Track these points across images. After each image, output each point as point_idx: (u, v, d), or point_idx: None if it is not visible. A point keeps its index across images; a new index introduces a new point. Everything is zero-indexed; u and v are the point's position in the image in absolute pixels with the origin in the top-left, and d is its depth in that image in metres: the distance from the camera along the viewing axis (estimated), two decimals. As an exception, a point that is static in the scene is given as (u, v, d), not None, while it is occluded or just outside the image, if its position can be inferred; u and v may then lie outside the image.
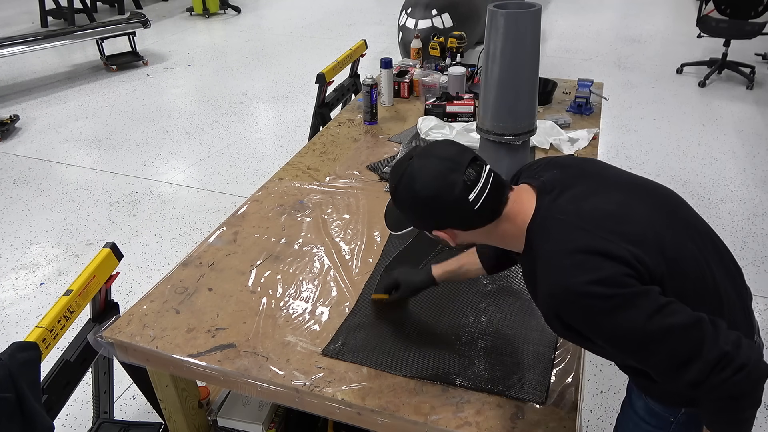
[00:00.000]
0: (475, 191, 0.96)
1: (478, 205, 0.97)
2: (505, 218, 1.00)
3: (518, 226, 1.00)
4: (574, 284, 0.89)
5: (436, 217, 1.01)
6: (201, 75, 5.80)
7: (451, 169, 0.97)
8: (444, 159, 0.99)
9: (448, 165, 0.98)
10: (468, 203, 0.96)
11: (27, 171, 4.00)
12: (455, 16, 5.05)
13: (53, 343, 1.29)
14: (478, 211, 0.97)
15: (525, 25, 1.51)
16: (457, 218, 0.99)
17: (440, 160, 0.99)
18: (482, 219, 0.99)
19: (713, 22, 5.04)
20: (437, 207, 0.98)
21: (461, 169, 0.97)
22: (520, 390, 1.17)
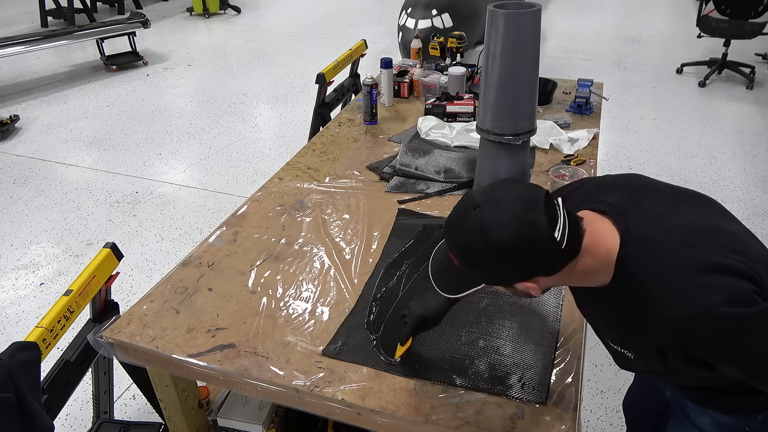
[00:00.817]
0: (558, 228, 0.87)
1: (565, 243, 0.87)
2: (586, 252, 0.91)
3: (601, 257, 0.92)
4: (706, 306, 0.84)
5: (523, 266, 0.90)
6: (201, 75, 5.80)
7: (530, 209, 0.87)
8: (517, 200, 0.89)
9: (525, 205, 0.88)
10: (555, 243, 0.87)
11: (27, 171, 4.00)
12: (455, 16, 5.05)
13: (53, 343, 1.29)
14: (565, 250, 0.88)
15: (525, 25, 1.51)
16: (545, 262, 0.89)
17: (514, 201, 0.89)
18: (567, 257, 0.90)
19: (713, 22, 5.04)
20: (524, 254, 0.88)
21: (540, 207, 0.88)
22: (520, 390, 1.17)
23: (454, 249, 0.94)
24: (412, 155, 2.07)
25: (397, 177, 1.99)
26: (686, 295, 0.86)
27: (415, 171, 1.99)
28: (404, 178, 1.98)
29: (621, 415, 2.10)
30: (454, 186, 1.92)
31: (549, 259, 0.89)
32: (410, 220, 1.75)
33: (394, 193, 1.90)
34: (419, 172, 1.98)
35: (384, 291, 1.46)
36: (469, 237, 0.89)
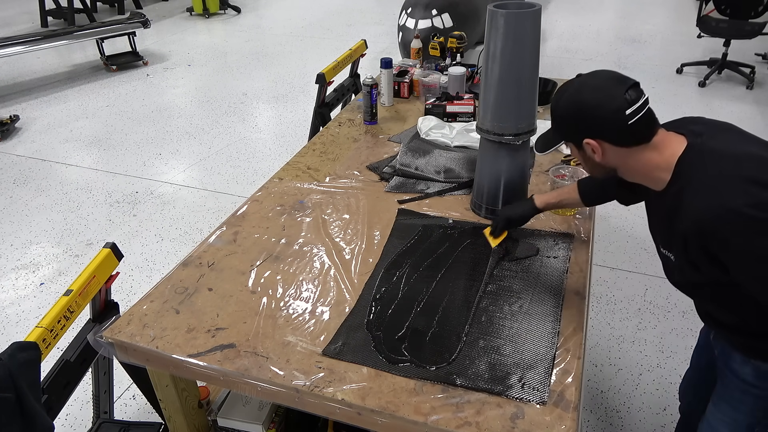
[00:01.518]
0: (632, 108, 1.07)
1: (633, 121, 1.07)
2: (653, 147, 1.10)
3: (665, 158, 1.10)
4: (735, 205, 0.98)
5: (593, 126, 1.11)
6: (201, 75, 5.80)
7: (615, 86, 1.09)
8: (609, 78, 1.11)
9: (613, 82, 1.10)
10: (624, 116, 1.06)
11: (27, 171, 4.01)
12: (455, 16, 5.05)
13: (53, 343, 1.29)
14: (631, 128, 1.07)
15: (525, 25, 1.51)
16: (611, 130, 1.09)
17: (606, 78, 1.12)
18: (634, 137, 1.09)
19: (713, 22, 5.04)
20: (596, 115, 1.09)
21: (624, 87, 1.08)
22: (520, 390, 1.17)
23: (551, 109, 1.20)
24: (412, 155, 2.07)
25: (397, 177, 1.99)
26: (719, 193, 1.01)
27: (415, 171, 1.99)
28: (404, 178, 1.98)
29: (621, 415, 2.10)
30: (454, 186, 1.92)
31: (613, 127, 1.09)
32: (410, 220, 1.75)
33: (394, 193, 1.90)
34: (419, 172, 1.98)
35: (384, 291, 1.46)
36: (563, 95, 1.16)
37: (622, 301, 2.65)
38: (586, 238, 1.65)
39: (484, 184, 1.73)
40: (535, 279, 1.49)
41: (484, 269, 1.53)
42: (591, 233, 1.67)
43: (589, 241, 1.64)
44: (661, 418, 2.10)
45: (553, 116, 1.21)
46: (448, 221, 1.74)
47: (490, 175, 1.71)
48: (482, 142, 1.70)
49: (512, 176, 1.69)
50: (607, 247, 3.02)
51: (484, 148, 1.71)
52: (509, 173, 1.69)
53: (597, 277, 2.80)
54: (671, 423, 2.07)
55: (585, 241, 1.64)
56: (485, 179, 1.72)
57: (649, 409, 2.13)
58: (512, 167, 1.68)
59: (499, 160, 1.68)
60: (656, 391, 2.20)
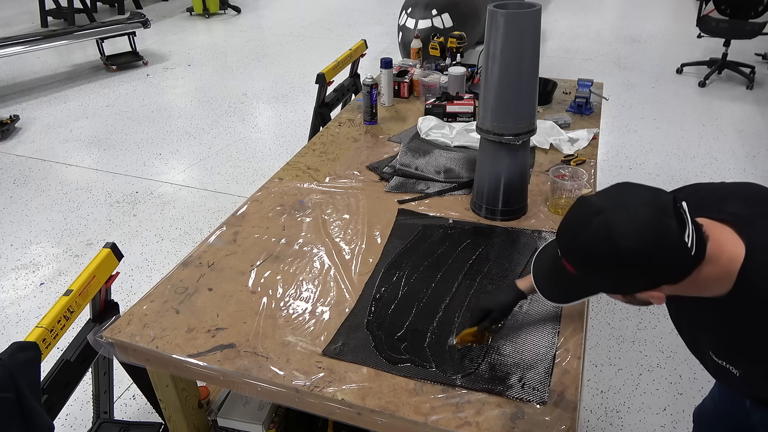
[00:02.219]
0: (687, 234, 0.82)
1: (695, 249, 0.83)
2: (709, 260, 0.86)
3: (723, 266, 0.88)
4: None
5: (651, 274, 0.85)
6: (201, 75, 5.80)
7: (661, 214, 0.83)
8: (646, 204, 0.84)
9: (655, 210, 0.83)
10: (686, 249, 0.82)
11: (27, 171, 4.01)
12: (455, 16, 5.05)
13: (53, 343, 1.29)
14: (694, 257, 0.84)
15: (525, 25, 1.51)
16: (674, 269, 0.85)
17: (643, 206, 0.84)
18: (694, 264, 0.85)
19: (713, 22, 5.04)
20: (654, 261, 0.83)
21: (670, 211, 0.83)
22: (520, 390, 1.17)
23: (573, 257, 0.90)
24: (412, 155, 2.07)
25: (397, 177, 1.99)
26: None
27: (415, 171, 1.99)
28: (404, 178, 1.98)
29: (621, 415, 2.10)
30: (454, 186, 1.92)
31: (678, 266, 0.84)
32: (410, 220, 1.75)
33: (394, 193, 1.90)
34: (419, 172, 1.98)
35: (384, 291, 1.46)
36: (594, 244, 0.85)
37: (622, 301, 2.65)
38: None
39: (484, 184, 1.73)
40: (535, 279, 1.48)
41: (484, 269, 1.53)
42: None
43: (589, 241, 1.64)
44: (661, 418, 2.10)
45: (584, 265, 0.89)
46: (448, 221, 1.74)
47: (490, 175, 1.71)
48: (482, 142, 1.71)
49: (512, 176, 1.69)
50: (607, 247, 3.02)
51: (484, 148, 1.71)
52: (509, 173, 1.69)
53: (597, 277, 2.80)
54: (671, 423, 2.07)
55: (585, 241, 1.63)
56: (485, 179, 1.72)
57: (649, 409, 2.13)
58: (512, 167, 1.68)
59: (499, 160, 1.68)
60: (656, 391, 2.20)
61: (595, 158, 2.05)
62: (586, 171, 1.85)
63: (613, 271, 0.86)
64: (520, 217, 1.75)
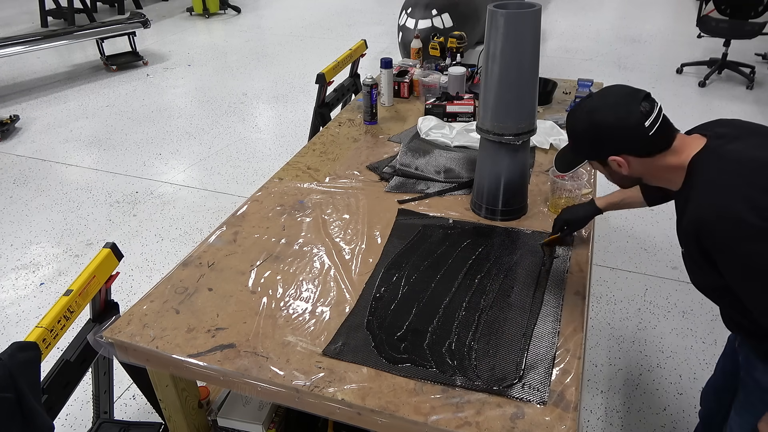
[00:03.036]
0: (650, 119, 1.09)
1: (653, 131, 1.09)
2: (673, 151, 1.12)
3: (682, 159, 1.11)
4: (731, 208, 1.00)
5: (615, 143, 1.13)
6: (201, 75, 5.80)
7: (629, 101, 1.11)
8: (621, 94, 1.13)
9: (626, 98, 1.12)
10: (644, 128, 1.09)
11: (27, 171, 4.00)
12: (455, 16, 5.05)
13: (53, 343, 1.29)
14: (653, 138, 1.10)
15: (525, 25, 1.51)
16: (634, 143, 1.11)
17: (618, 95, 1.13)
18: (656, 146, 1.11)
19: (713, 22, 5.04)
20: (617, 132, 1.11)
21: (638, 100, 1.10)
22: (520, 390, 1.17)
23: (568, 130, 1.22)
24: (412, 155, 2.07)
25: (397, 177, 1.99)
26: (721, 195, 1.02)
27: (415, 171, 1.99)
28: (404, 178, 1.98)
29: (621, 415, 2.10)
30: (454, 186, 1.92)
31: (636, 140, 1.11)
32: (410, 220, 1.75)
33: (394, 193, 1.90)
34: (419, 172, 1.98)
35: (384, 291, 1.46)
36: (578, 117, 1.18)
37: (622, 301, 2.65)
38: (586, 238, 1.65)
39: (484, 184, 1.73)
40: (535, 279, 1.49)
41: (484, 269, 1.53)
42: (591, 233, 1.67)
43: (589, 241, 1.64)
44: (661, 418, 2.10)
45: (572, 138, 1.22)
46: (448, 221, 1.74)
47: (490, 175, 1.71)
48: (482, 142, 1.71)
49: (512, 176, 1.69)
50: (607, 247, 3.02)
51: (484, 148, 1.71)
52: (509, 173, 1.69)
53: (597, 277, 2.80)
54: (671, 423, 2.07)
55: (585, 241, 1.64)
56: (485, 179, 1.72)
57: (649, 409, 2.13)
58: (512, 167, 1.68)
59: (499, 160, 1.68)
60: (656, 391, 2.20)
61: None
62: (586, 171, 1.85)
63: (591, 139, 1.16)
64: (520, 217, 1.75)
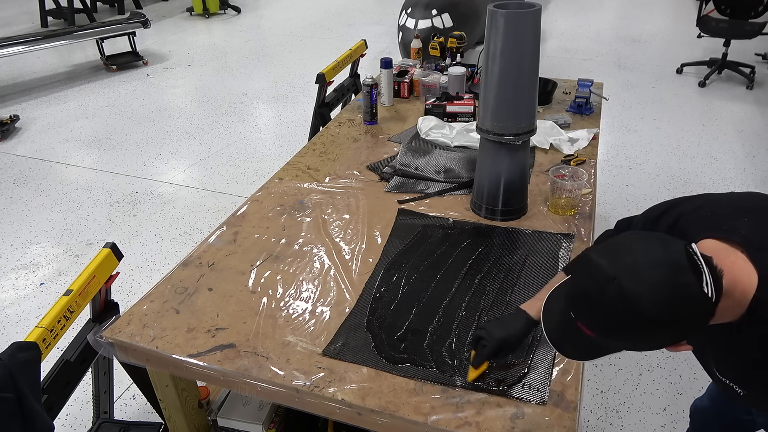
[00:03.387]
0: (706, 282, 0.80)
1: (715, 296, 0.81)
2: (724, 295, 0.83)
3: (737, 299, 0.86)
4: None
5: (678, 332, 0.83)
6: (201, 75, 5.80)
7: (676, 272, 0.80)
8: (659, 263, 0.81)
9: (670, 268, 0.80)
10: (707, 298, 0.80)
11: (27, 171, 4.00)
12: (455, 16, 5.05)
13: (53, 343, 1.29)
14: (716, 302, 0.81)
15: (525, 25, 1.51)
16: (700, 320, 0.82)
17: (656, 266, 0.81)
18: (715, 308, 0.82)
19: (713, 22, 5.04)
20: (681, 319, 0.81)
21: (685, 266, 0.80)
22: (520, 390, 1.17)
23: (593, 323, 0.86)
24: (412, 155, 2.07)
25: (397, 177, 1.99)
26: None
27: (415, 171, 1.99)
28: (404, 178, 1.98)
29: (621, 415, 2.10)
30: (454, 186, 1.92)
31: (703, 317, 0.82)
32: (410, 220, 1.75)
33: (394, 193, 1.90)
34: (419, 172, 1.98)
35: (384, 291, 1.46)
36: (614, 314, 0.82)
37: (622, 301, 2.65)
38: (586, 238, 1.65)
39: (484, 184, 1.73)
40: (535, 279, 1.49)
41: (484, 269, 1.53)
42: (591, 233, 1.67)
43: (589, 241, 1.64)
44: (661, 418, 2.10)
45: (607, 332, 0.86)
46: (448, 221, 1.74)
47: (490, 175, 1.71)
48: (482, 142, 1.71)
49: (512, 176, 1.69)
50: (607, 247, 3.02)
51: (484, 148, 1.71)
52: (509, 173, 1.69)
53: (597, 277, 2.80)
54: (671, 423, 2.07)
55: (585, 241, 1.64)
56: (485, 179, 1.72)
57: (649, 409, 2.13)
58: (512, 167, 1.68)
59: (499, 160, 1.68)
60: (656, 391, 2.20)
61: (595, 158, 2.05)
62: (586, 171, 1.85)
63: (638, 336, 0.83)
64: (520, 217, 1.75)
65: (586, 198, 1.81)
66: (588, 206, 1.78)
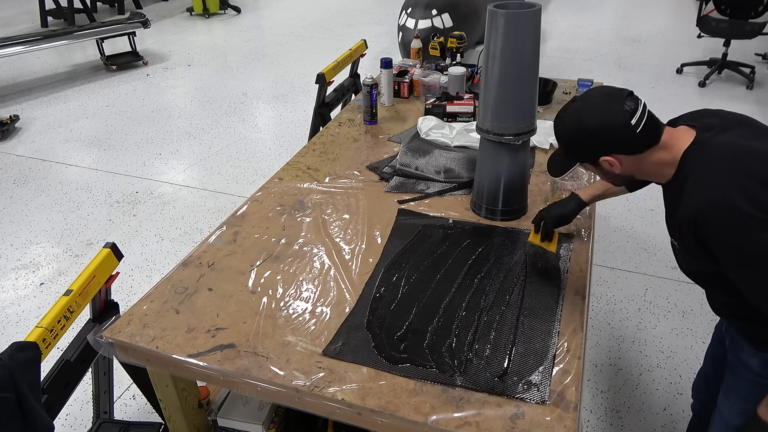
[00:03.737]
0: (635, 117, 1.11)
1: (640, 129, 1.11)
2: (662, 146, 1.14)
3: (674, 154, 1.13)
4: (731, 199, 1.01)
5: (605, 144, 1.15)
6: (201, 75, 5.80)
7: (613, 102, 1.13)
8: (605, 95, 1.15)
9: (610, 99, 1.14)
10: (631, 127, 1.10)
11: (27, 171, 4.00)
12: (455, 16, 5.05)
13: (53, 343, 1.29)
14: (640, 135, 1.11)
15: (525, 25, 1.51)
16: (623, 142, 1.13)
17: (602, 96, 1.15)
18: (645, 143, 1.13)
19: (713, 22, 5.04)
20: (606, 134, 1.13)
21: (620, 99, 1.13)
22: (520, 390, 1.17)
23: (557, 135, 1.23)
24: (412, 155, 2.07)
25: (397, 177, 1.99)
26: (717, 186, 1.04)
27: (415, 171, 1.99)
28: (404, 178, 1.98)
29: (621, 415, 2.10)
30: (454, 186, 1.92)
31: (624, 139, 1.12)
32: (410, 220, 1.75)
33: (394, 193, 1.90)
34: (419, 172, 1.98)
35: (384, 291, 1.46)
36: (565, 122, 1.19)
37: (622, 301, 2.65)
38: (586, 238, 1.65)
39: (484, 184, 1.73)
40: (535, 279, 1.49)
41: (483, 269, 1.53)
42: (591, 233, 1.67)
43: (589, 241, 1.64)
44: (661, 418, 2.10)
45: (561, 142, 1.23)
46: (448, 221, 1.74)
47: (490, 175, 1.71)
48: (482, 142, 1.71)
49: (512, 176, 1.69)
50: (607, 247, 3.02)
51: (484, 148, 1.71)
52: (509, 173, 1.69)
53: (597, 277, 2.80)
54: (671, 423, 2.07)
55: (585, 241, 1.64)
56: (485, 179, 1.72)
57: (649, 409, 2.13)
58: (512, 167, 1.68)
59: (499, 160, 1.68)
60: (656, 391, 2.20)
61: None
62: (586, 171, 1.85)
63: (580, 142, 1.18)
64: (520, 217, 1.75)
65: (586, 198, 1.81)
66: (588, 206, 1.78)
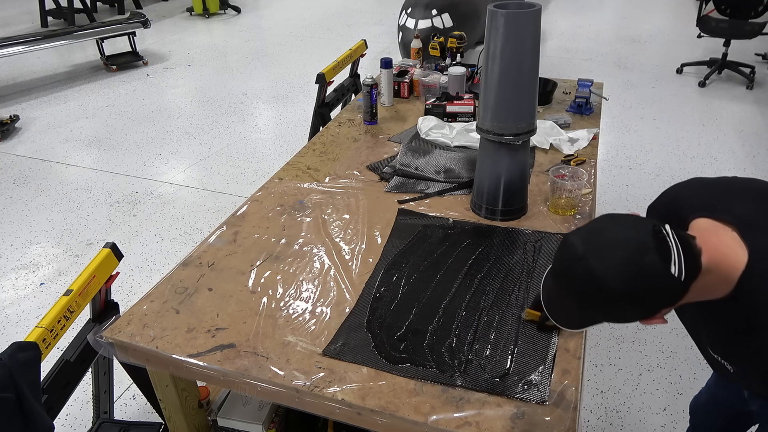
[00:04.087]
0: (674, 262, 0.84)
1: (684, 275, 0.85)
2: (706, 271, 0.88)
3: (723, 274, 0.90)
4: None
5: (646, 307, 0.88)
6: (201, 75, 5.80)
7: (639, 252, 0.84)
8: (624, 244, 0.86)
9: (633, 249, 0.85)
10: (674, 279, 0.84)
11: (27, 171, 4.01)
12: (455, 16, 5.05)
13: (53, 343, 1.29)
14: (685, 281, 0.86)
15: (525, 25, 1.51)
16: (667, 297, 0.87)
17: (620, 247, 0.86)
18: (688, 284, 0.87)
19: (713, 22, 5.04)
20: (643, 296, 0.86)
21: (648, 246, 0.84)
22: (520, 390, 1.17)
23: (571, 297, 0.92)
24: (412, 155, 2.07)
25: (397, 177, 1.99)
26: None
27: (415, 171, 1.99)
28: (404, 178, 1.98)
29: (621, 415, 2.10)
30: (454, 186, 1.92)
31: (668, 294, 0.86)
32: (410, 220, 1.75)
33: (394, 193, 1.91)
34: (419, 172, 1.98)
35: (384, 291, 1.46)
36: (584, 288, 0.89)
37: (622, 301, 2.65)
38: (586, 238, 1.65)
39: (484, 184, 1.73)
40: (535, 279, 1.49)
41: (484, 269, 1.53)
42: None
43: (589, 241, 1.64)
44: (661, 418, 2.10)
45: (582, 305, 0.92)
46: (448, 221, 1.74)
47: (490, 175, 1.71)
48: (482, 142, 1.71)
49: (512, 176, 1.69)
50: (607, 247, 3.02)
51: (484, 148, 1.71)
52: (509, 173, 1.69)
53: (597, 277, 2.80)
54: (671, 423, 2.07)
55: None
56: (485, 179, 1.72)
57: (649, 409, 2.13)
58: (512, 167, 1.68)
59: (499, 160, 1.68)
60: (656, 391, 2.20)
61: (595, 158, 2.05)
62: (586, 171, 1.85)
63: (606, 310, 0.90)
64: (520, 217, 1.75)
65: (586, 198, 1.81)
66: (588, 206, 1.78)
